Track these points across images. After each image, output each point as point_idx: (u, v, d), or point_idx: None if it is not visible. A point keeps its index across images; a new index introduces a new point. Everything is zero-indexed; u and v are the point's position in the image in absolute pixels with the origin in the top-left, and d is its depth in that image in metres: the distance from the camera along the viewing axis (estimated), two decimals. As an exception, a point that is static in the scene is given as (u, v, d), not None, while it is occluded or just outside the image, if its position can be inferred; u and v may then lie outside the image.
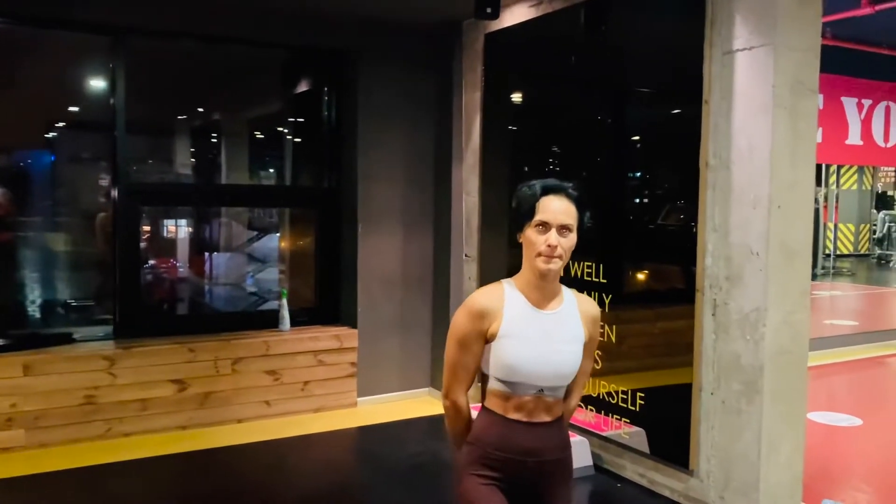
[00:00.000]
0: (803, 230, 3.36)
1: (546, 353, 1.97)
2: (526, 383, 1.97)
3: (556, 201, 1.94)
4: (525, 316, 1.98)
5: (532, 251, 1.95)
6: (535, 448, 2.00)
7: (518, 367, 1.95)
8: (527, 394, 1.98)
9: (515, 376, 1.96)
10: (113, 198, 4.92)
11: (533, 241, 1.94)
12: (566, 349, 2.00)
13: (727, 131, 3.42)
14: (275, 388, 5.05)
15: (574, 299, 2.08)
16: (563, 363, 1.99)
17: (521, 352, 1.95)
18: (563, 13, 4.40)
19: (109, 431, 4.56)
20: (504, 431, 2.00)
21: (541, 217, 1.93)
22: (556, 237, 1.92)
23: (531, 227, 1.95)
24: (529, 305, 2.00)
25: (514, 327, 1.97)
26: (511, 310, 1.98)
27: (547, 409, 2.02)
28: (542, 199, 1.95)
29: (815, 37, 3.32)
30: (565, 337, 2.00)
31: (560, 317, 2.02)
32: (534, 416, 2.00)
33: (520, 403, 1.99)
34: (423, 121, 5.61)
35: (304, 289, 5.87)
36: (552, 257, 1.92)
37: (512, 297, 2.00)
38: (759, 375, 3.30)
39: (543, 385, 1.98)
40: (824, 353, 7.55)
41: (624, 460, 4.08)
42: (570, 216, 1.95)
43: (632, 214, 4.29)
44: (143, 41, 5.08)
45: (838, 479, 4.24)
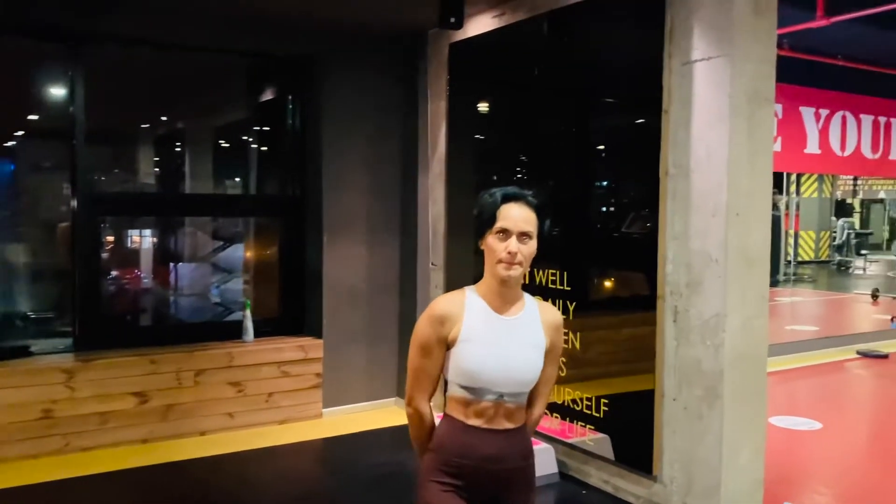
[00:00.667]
0: (761, 237, 3.41)
1: (505, 358, 1.97)
2: (486, 389, 1.97)
3: (517, 209, 1.97)
4: (485, 321, 2.00)
5: (493, 258, 1.97)
6: (496, 455, 2.00)
7: (477, 372, 1.96)
8: (487, 400, 1.98)
9: (475, 381, 1.97)
10: (72, 208, 4.84)
11: (494, 248, 1.96)
12: (525, 355, 2.01)
13: (686, 140, 3.47)
14: (238, 399, 4.99)
15: (536, 306, 2.09)
16: (522, 369, 1.99)
17: (480, 357, 1.96)
18: (525, 24, 4.44)
19: (68, 446, 4.46)
20: (464, 438, 2.00)
21: (501, 224, 1.95)
22: (516, 244, 1.94)
23: (492, 234, 1.97)
24: (489, 311, 2.01)
25: (473, 332, 1.98)
26: (471, 315, 2.00)
27: (508, 416, 2.02)
28: (502, 207, 1.97)
29: (770, 48, 3.39)
30: (525, 342, 2.01)
31: (520, 322, 2.03)
32: (494, 423, 2.00)
33: (480, 409, 1.99)
34: (388, 129, 5.61)
35: (269, 299, 5.82)
36: (512, 264, 1.95)
37: (473, 302, 2.02)
38: (719, 380, 3.34)
39: (503, 391, 1.98)
40: (786, 358, 7.70)
41: (589, 467, 4.10)
42: (529, 223, 1.97)
43: (596, 222, 4.33)
44: (103, 49, 5.02)
45: (799, 483, 4.30)
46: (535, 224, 1.99)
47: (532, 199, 2.00)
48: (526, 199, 1.99)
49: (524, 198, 1.99)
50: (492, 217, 1.97)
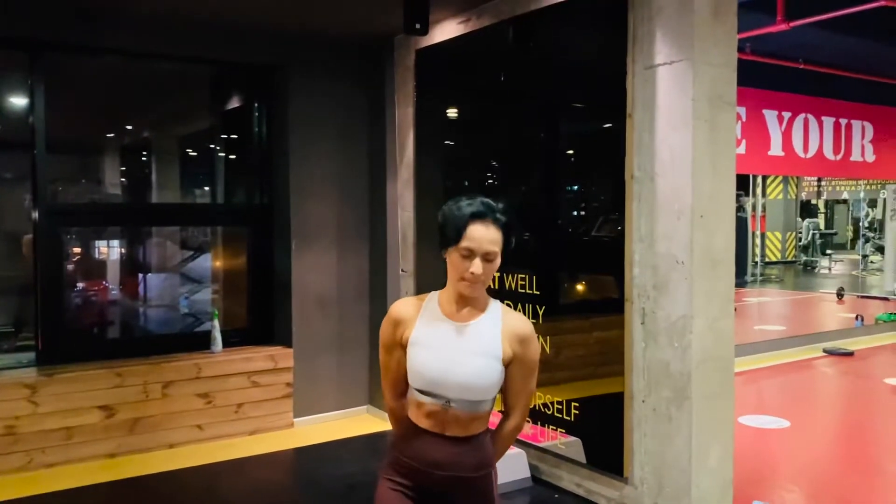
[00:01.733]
0: (725, 239, 3.45)
1: (448, 363, 1.95)
2: (432, 392, 1.97)
3: (483, 229, 1.93)
4: (434, 325, 2.01)
5: (455, 273, 1.97)
6: (444, 461, 1.98)
7: (421, 374, 1.97)
8: (435, 403, 1.98)
9: (422, 384, 1.98)
10: (34, 219, 4.75)
11: (458, 266, 1.95)
12: (473, 362, 1.96)
13: (651, 144, 3.50)
14: (207, 411, 4.92)
15: (499, 314, 2.05)
16: (468, 375, 1.95)
17: (424, 360, 1.97)
18: (491, 29, 4.46)
19: (31, 463, 4.37)
20: (413, 440, 2.02)
21: (467, 244, 1.92)
22: (479, 265, 1.93)
23: (456, 251, 1.94)
24: (441, 315, 2.02)
25: (421, 335, 2.00)
26: (423, 319, 2.03)
27: (459, 424, 1.98)
28: (469, 226, 1.92)
29: (731, 52, 3.43)
30: (474, 349, 1.97)
31: (473, 329, 2.00)
32: (445, 429, 1.99)
33: (429, 412, 1.99)
34: (356, 136, 5.59)
35: (238, 308, 5.76)
36: (475, 284, 1.96)
37: (428, 306, 2.06)
38: (687, 382, 3.37)
39: (449, 396, 1.96)
40: (754, 357, 7.81)
41: (561, 470, 4.10)
42: (495, 244, 1.95)
43: (565, 226, 4.35)
44: (64, 57, 4.94)
45: (768, 481, 4.35)
46: (501, 243, 1.96)
47: (500, 216, 1.96)
48: (494, 219, 1.95)
49: (492, 217, 1.94)
50: (457, 235, 1.93)
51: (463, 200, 1.97)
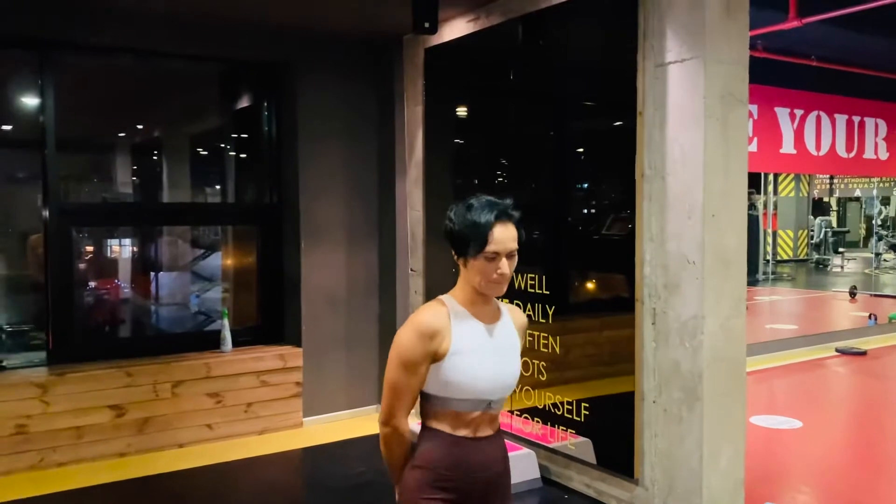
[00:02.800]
0: (737, 238, 3.42)
1: (497, 366, 1.99)
2: (476, 399, 1.96)
3: (503, 230, 1.94)
4: (472, 331, 1.98)
5: (482, 277, 1.95)
6: (483, 462, 2.00)
7: (472, 383, 1.94)
8: (476, 410, 1.98)
9: (468, 393, 1.95)
10: (44, 218, 4.76)
11: (484, 270, 1.94)
12: (511, 359, 2.03)
13: (661, 142, 3.48)
14: (217, 410, 4.93)
15: (506, 310, 2.12)
16: (512, 374, 2.02)
17: (473, 368, 1.94)
18: (500, 28, 4.43)
19: (42, 462, 4.38)
20: (454, 450, 1.98)
21: (493, 248, 1.92)
22: (506, 265, 1.95)
23: (481, 256, 1.93)
24: (474, 320, 2.00)
25: (465, 344, 1.95)
26: (459, 326, 1.97)
27: (490, 422, 2.03)
28: (493, 230, 1.92)
29: (742, 49, 3.40)
30: (510, 348, 2.04)
31: (502, 329, 2.05)
32: (479, 431, 2.00)
33: (468, 420, 1.98)
34: (365, 135, 5.58)
35: (248, 307, 5.76)
36: (504, 283, 1.97)
37: (457, 313, 1.99)
38: (698, 382, 3.34)
39: (492, 398, 1.99)
40: (765, 356, 7.75)
41: (571, 471, 4.08)
42: (515, 241, 1.97)
43: (575, 225, 4.33)
44: (73, 57, 4.96)
45: (780, 482, 4.32)
46: (517, 238, 1.99)
47: (513, 212, 1.97)
48: (510, 217, 1.96)
49: (510, 216, 1.96)
50: (482, 241, 1.91)
51: (474, 206, 1.94)
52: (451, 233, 1.98)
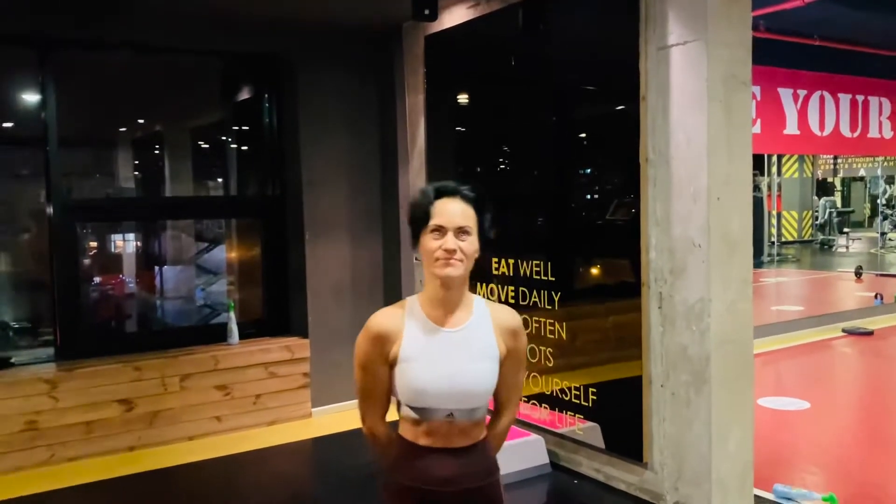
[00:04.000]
0: (742, 220, 3.41)
1: (451, 374, 1.82)
2: (434, 408, 1.83)
3: (451, 204, 1.82)
4: (426, 336, 1.85)
5: (430, 259, 1.82)
6: (451, 476, 1.84)
7: (422, 391, 1.82)
8: (436, 419, 1.83)
9: (422, 401, 1.83)
10: (48, 215, 4.77)
11: (430, 248, 1.81)
12: (475, 368, 1.84)
13: (665, 126, 3.46)
14: (225, 402, 4.95)
15: (487, 311, 1.92)
16: (472, 383, 1.84)
17: (423, 375, 1.82)
18: (500, 13, 4.41)
19: (53, 457, 4.41)
20: (416, 461, 1.86)
21: (436, 221, 1.81)
22: (453, 241, 1.80)
23: (427, 233, 1.82)
24: (430, 323, 1.86)
25: (414, 349, 1.83)
26: (411, 330, 1.85)
27: (463, 434, 1.86)
28: (435, 204, 1.82)
29: (745, 31, 3.37)
30: (473, 355, 1.85)
31: (467, 333, 1.87)
32: (449, 442, 1.85)
33: (430, 429, 1.85)
34: (366, 125, 5.57)
35: (253, 300, 5.77)
36: (451, 260, 1.80)
37: (413, 315, 1.87)
38: (705, 365, 3.34)
39: (453, 408, 1.83)
40: (772, 338, 7.74)
41: (580, 456, 4.09)
42: (467, 218, 1.83)
43: (579, 211, 4.32)
44: (74, 53, 4.94)
45: (789, 463, 4.32)
46: (474, 219, 1.84)
47: (468, 192, 1.86)
48: (461, 194, 1.84)
49: (459, 192, 1.85)
50: (425, 215, 1.82)
51: (423, 188, 1.89)
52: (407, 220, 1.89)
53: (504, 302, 4.48)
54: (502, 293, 4.50)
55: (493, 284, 4.55)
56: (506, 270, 4.46)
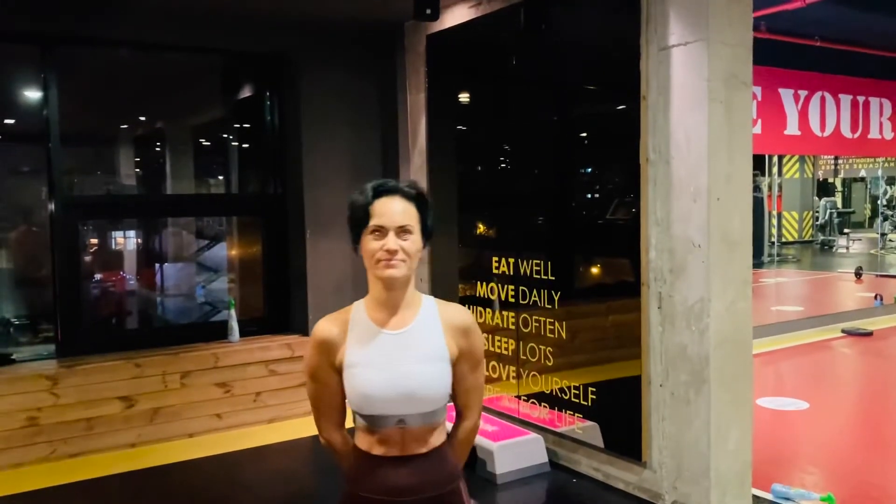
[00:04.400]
0: (742, 221, 3.42)
1: (395, 378, 1.75)
2: (383, 415, 1.76)
3: (391, 203, 1.76)
4: (370, 340, 1.78)
5: (371, 260, 1.76)
6: (408, 486, 1.77)
7: (367, 397, 1.75)
8: (387, 426, 1.77)
9: (369, 408, 1.76)
10: (49, 212, 4.78)
11: (370, 249, 1.75)
12: (420, 370, 1.76)
13: (665, 126, 3.47)
14: (226, 400, 4.96)
15: (435, 310, 1.85)
16: (418, 387, 1.75)
17: (367, 380, 1.75)
18: (502, 13, 4.42)
19: (54, 453, 4.42)
20: (371, 471, 1.80)
21: (376, 221, 1.74)
22: (394, 240, 1.73)
23: (367, 234, 1.76)
24: (373, 327, 1.80)
25: (357, 355, 1.78)
26: (354, 335, 1.80)
27: (418, 440, 1.79)
28: (374, 203, 1.76)
29: (746, 32, 3.38)
30: (418, 357, 1.77)
31: (410, 335, 1.79)
32: (404, 450, 1.79)
33: (382, 437, 1.78)
34: (368, 123, 5.58)
35: (254, 298, 5.79)
36: (392, 261, 1.74)
37: (357, 320, 1.82)
38: (705, 365, 3.35)
39: (403, 414, 1.76)
40: (772, 338, 7.76)
41: (579, 455, 4.11)
42: (408, 217, 1.76)
43: (580, 210, 4.33)
44: (76, 50, 4.96)
45: (787, 463, 4.33)
46: (416, 217, 1.78)
47: (409, 189, 1.79)
48: (401, 192, 1.78)
49: (399, 190, 1.78)
50: (365, 215, 1.75)
51: (360, 188, 1.81)
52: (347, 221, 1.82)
53: (504, 301, 4.49)
54: (502, 292, 4.51)
55: (493, 283, 4.56)
56: (506, 269, 4.47)
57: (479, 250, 4.80)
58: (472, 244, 4.87)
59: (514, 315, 4.44)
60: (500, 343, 4.54)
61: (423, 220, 1.80)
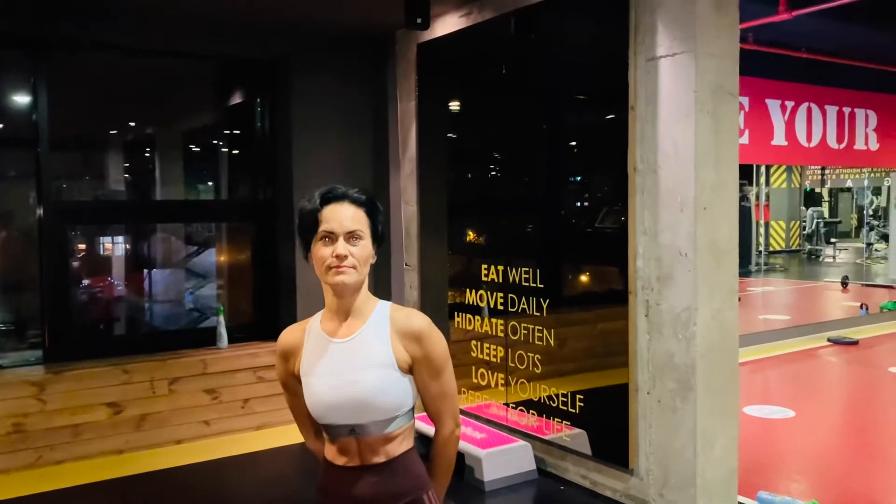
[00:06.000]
0: (729, 230, 3.45)
1: (338, 387, 1.74)
2: (335, 424, 1.76)
3: (340, 208, 1.74)
4: (320, 350, 1.79)
5: (321, 267, 1.74)
6: (367, 496, 1.76)
7: (318, 407, 1.76)
8: (339, 435, 1.77)
9: (322, 418, 1.77)
10: (38, 217, 4.77)
11: (320, 256, 1.73)
12: (366, 378, 1.73)
13: (653, 136, 3.50)
14: (214, 406, 4.95)
15: (386, 316, 1.81)
16: (361, 395, 1.72)
17: (316, 390, 1.76)
18: (492, 22, 4.45)
19: (40, 460, 4.39)
20: (334, 481, 1.81)
21: (325, 227, 1.73)
22: (344, 246, 1.72)
23: (317, 240, 1.74)
24: (324, 336, 1.80)
25: (309, 364, 1.79)
26: (308, 344, 1.82)
27: (373, 450, 1.77)
28: (323, 209, 1.74)
29: (733, 43, 3.43)
30: (363, 364, 1.75)
31: (357, 342, 1.77)
32: (363, 459, 1.77)
33: (341, 447, 1.79)
34: (358, 130, 5.59)
35: (243, 304, 5.78)
36: (342, 267, 1.72)
37: (312, 329, 1.83)
38: (691, 373, 3.37)
39: (353, 423, 1.74)
40: (759, 347, 7.81)
41: (567, 463, 4.12)
42: (357, 222, 1.74)
43: (569, 218, 4.36)
44: (67, 55, 4.95)
45: (773, 471, 4.36)
46: (366, 223, 1.76)
47: (358, 195, 1.78)
48: (350, 198, 1.76)
49: (347, 196, 1.76)
50: (314, 222, 1.73)
51: (309, 195, 1.80)
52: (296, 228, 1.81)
53: (493, 308, 4.51)
54: (491, 299, 4.52)
55: (483, 290, 4.58)
56: (495, 277, 4.49)
57: (468, 258, 4.82)
58: (462, 251, 4.89)
59: (502, 322, 4.45)
60: (489, 350, 4.56)
61: (374, 225, 1.78)
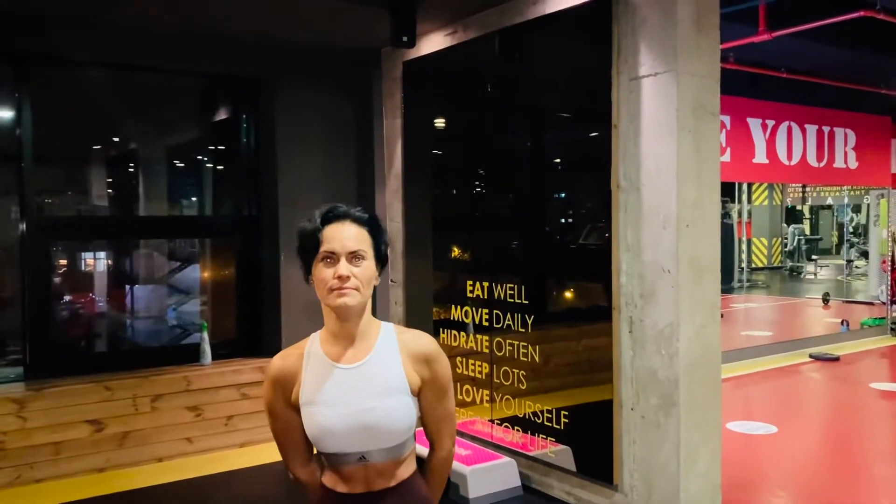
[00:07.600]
0: (711, 247, 3.50)
1: (352, 415, 1.67)
2: (342, 452, 1.70)
3: (342, 228, 1.69)
4: (324, 375, 1.70)
5: (323, 289, 1.67)
6: None
7: (325, 436, 1.69)
8: (347, 464, 1.71)
9: (328, 446, 1.70)
10: (20, 232, 4.73)
11: (322, 278, 1.67)
12: (380, 405, 1.68)
13: (636, 154, 3.55)
14: (197, 424, 4.91)
15: (394, 339, 1.76)
16: (378, 422, 1.67)
17: (324, 419, 1.68)
18: (477, 42, 4.49)
19: (19, 478, 4.33)
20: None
21: (326, 248, 1.67)
22: (346, 267, 1.66)
23: (318, 262, 1.68)
24: (328, 362, 1.71)
25: (312, 392, 1.70)
26: (309, 371, 1.72)
27: (382, 475, 1.73)
28: (324, 229, 1.69)
29: (714, 63, 3.49)
30: (377, 391, 1.69)
31: (367, 368, 1.71)
32: (369, 486, 1.72)
33: (346, 475, 1.72)
34: (344, 147, 5.61)
35: (227, 320, 5.75)
36: (345, 289, 1.65)
37: (312, 354, 1.74)
38: (674, 389, 3.40)
39: (363, 451, 1.69)
40: (741, 363, 7.86)
41: (551, 479, 4.12)
42: (360, 242, 1.68)
43: (553, 235, 4.39)
44: (51, 70, 4.94)
45: (756, 486, 4.39)
46: (369, 242, 1.70)
47: (359, 214, 1.72)
48: (352, 216, 1.71)
49: (349, 215, 1.71)
50: (315, 243, 1.68)
51: (309, 215, 1.74)
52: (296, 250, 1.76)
53: (478, 325, 4.52)
54: (476, 316, 4.54)
55: (468, 307, 4.59)
56: (480, 293, 4.51)
57: (453, 274, 4.83)
58: (447, 268, 4.91)
59: (487, 339, 4.47)
60: (474, 367, 4.56)
61: (377, 245, 1.72)
